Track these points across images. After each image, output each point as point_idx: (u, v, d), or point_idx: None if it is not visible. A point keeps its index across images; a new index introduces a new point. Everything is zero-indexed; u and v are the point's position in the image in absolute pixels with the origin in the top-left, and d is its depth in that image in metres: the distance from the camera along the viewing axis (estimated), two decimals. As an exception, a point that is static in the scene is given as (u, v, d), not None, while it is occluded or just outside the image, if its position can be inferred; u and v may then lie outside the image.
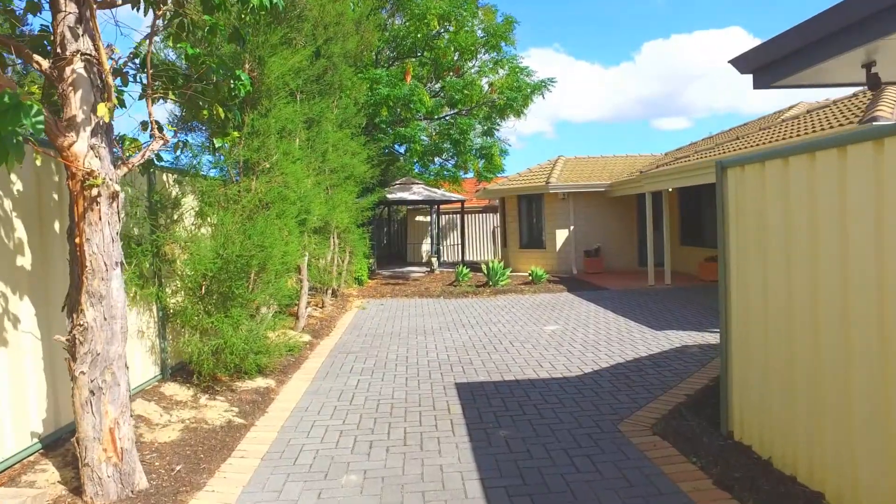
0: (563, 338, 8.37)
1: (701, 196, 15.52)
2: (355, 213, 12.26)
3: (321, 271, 10.04)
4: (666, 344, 7.76)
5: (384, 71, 14.68)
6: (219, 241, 5.31)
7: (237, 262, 5.21)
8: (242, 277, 5.41)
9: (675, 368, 6.46)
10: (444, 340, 8.46)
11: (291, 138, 7.73)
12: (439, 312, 11.16)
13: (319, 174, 9.55)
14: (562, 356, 7.25)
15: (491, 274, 14.27)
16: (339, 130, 10.97)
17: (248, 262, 5.36)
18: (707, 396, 5.27)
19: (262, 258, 5.66)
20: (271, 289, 5.97)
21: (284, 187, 6.77)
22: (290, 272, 7.13)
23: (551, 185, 17.22)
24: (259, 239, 5.42)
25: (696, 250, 15.85)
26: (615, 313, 10.37)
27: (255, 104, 6.40)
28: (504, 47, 16.66)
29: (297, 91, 8.60)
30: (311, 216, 7.81)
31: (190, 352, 5.32)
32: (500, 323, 9.78)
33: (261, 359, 6.04)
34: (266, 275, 5.96)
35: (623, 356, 7.15)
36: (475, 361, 7.11)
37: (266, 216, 5.94)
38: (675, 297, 11.85)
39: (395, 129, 14.55)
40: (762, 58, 3.90)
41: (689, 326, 8.90)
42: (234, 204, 6.01)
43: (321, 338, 8.83)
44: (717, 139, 15.12)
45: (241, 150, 6.09)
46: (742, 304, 4.04)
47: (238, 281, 5.32)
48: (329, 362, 7.29)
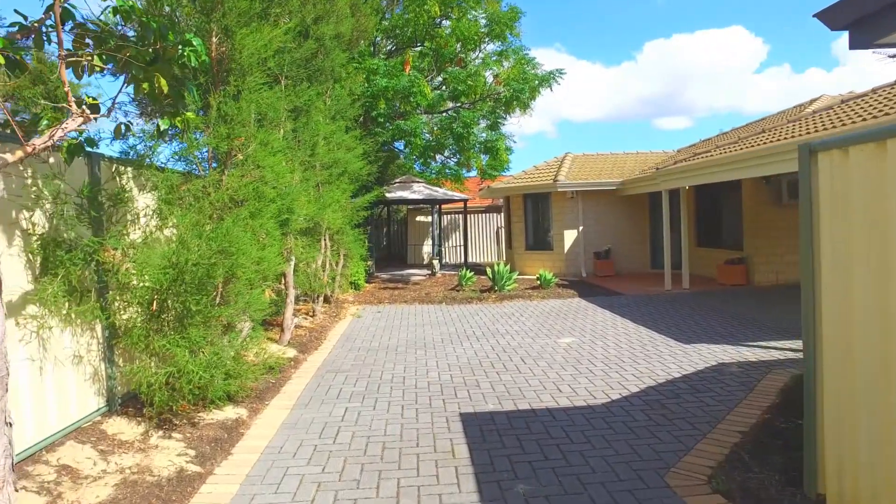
0: (580, 353, 7.42)
1: (719, 194, 14.57)
2: (350, 213, 11.33)
3: (310, 277, 9.10)
4: (699, 361, 6.81)
5: (382, 61, 13.73)
6: (172, 246, 4.36)
7: (194, 271, 4.27)
8: (203, 290, 4.47)
9: (718, 394, 5.50)
10: (447, 356, 7.51)
11: (273, 127, 6.79)
12: (441, 321, 10.21)
13: (308, 169, 8.62)
14: (582, 377, 6.30)
15: (496, 278, 13.32)
16: (332, 122, 10.03)
17: (210, 271, 4.42)
18: (769, 436, 4.32)
19: (229, 266, 4.72)
20: (242, 302, 5.03)
21: (261, 182, 5.83)
22: (268, 280, 6.19)
23: (559, 183, 16.27)
24: (222, 243, 4.48)
25: (713, 252, 14.90)
26: (634, 322, 9.41)
27: (225, 84, 5.46)
28: (509, 38, 15.71)
29: (280, 75, 7.66)
30: (294, 216, 6.87)
31: (138, 381, 4.38)
32: (508, 334, 8.83)
33: (231, 384, 5.10)
34: (236, 285, 5.01)
35: (653, 377, 6.19)
36: (483, 384, 6.16)
37: (235, 216, 5.00)
38: (697, 304, 10.89)
39: (394, 124, 13.60)
40: (866, 5, 2.94)
41: (720, 339, 7.95)
42: (198, 201, 5.07)
43: (309, 352, 7.89)
44: (739, 133, 14.17)
45: (207, 138, 5.15)
46: (841, 320, 3.08)
47: (197, 294, 4.38)
48: (314, 384, 6.34)
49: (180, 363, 4.22)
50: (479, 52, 16.50)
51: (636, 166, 17.79)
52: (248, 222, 5.51)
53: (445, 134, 14.34)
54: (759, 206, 13.41)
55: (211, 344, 4.68)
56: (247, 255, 5.06)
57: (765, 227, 13.43)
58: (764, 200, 13.37)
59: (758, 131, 11.77)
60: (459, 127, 13.86)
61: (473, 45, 15.22)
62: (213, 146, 5.23)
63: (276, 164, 6.06)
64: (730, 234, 14.48)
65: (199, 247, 4.37)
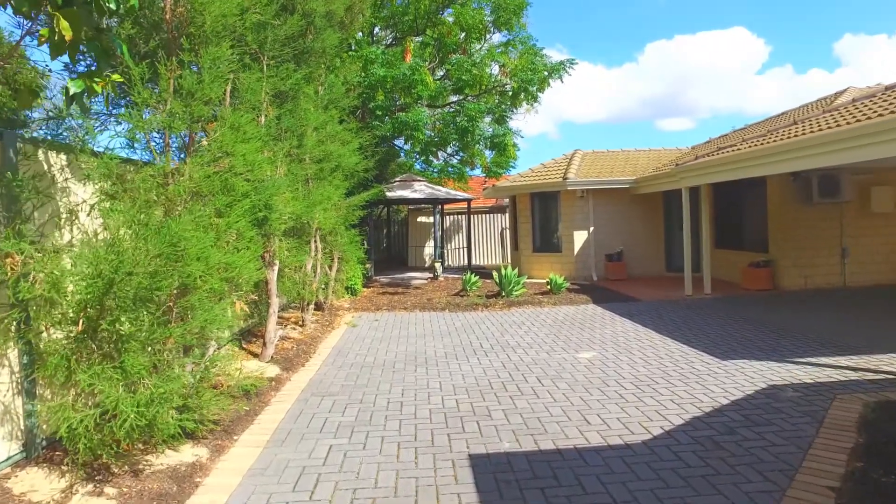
0: (605, 371, 6.46)
1: (740, 192, 13.60)
2: (345, 212, 10.37)
3: (297, 284, 8.15)
4: (744, 382, 5.84)
5: (380, 49, 12.78)
6: (97, 251, 3.41)
7: (128, 282, 3.32)
8: (143, 306, 3.52)
9: (781, 428, 4.53)
10: (452, 375, 6.55)
11: (251, 111, 5.85)
12: (444, 331, 9.24)
13: (294, 162, 7.67)
14: (612, 403, 5.34)
15: (504, 283, 12.35)
16: (324, 112, 9.09)
17: (152, 281, 3.47)
18: (872, 495, 3.35)
19: (184, 274, 3.76)
20: (200, 319, 4.07)
21: (231, 173, 4.88)
22: (242, 290, 5.24)
23: (569, 181, 15.31)
24: (168, 246, 3.53)
25: (734, 254, 13.93)
26: (659, 333, 8.44)
27: (181, 52, 4.51)
28: (515, 27, 14.74)
29: (262, 53, 6.71)
30: (275, 214, 5.92)
31: (56, 422, 3.42)
32: (520, 347, 7.86)
33: (188, 419, 4.15)
34: (192, 298, 4.06)
35: (696, 403, 5.23)
36: (495, 412, 5.20)
37: (190, 213, 4.05)
38: (724, 311, 9.92)
39: (394, 116, 12.63)
40: None
41: (761, 354, 6.98)
42: (147, 195, 4.12)
43: (294, 370, 6.93)
44: (768, 125, 13.19)
45: (160, 117, 4.20)
46: None
47: (133, 311, 3.43)
48: (296, 412, 5.38)
49: (109, 399, 3.27)
50: (485, 42, 15.54)
51: (649, 164, 16.84)
52: (211, 221, 4.57)
53: (449, 129, 13.36)
54: (787, 205, 12.44)
55: (157, 373, 3.73)
56: (207, 260, 4.11)
57: (793, 227, 12.45)
58: (792, 199, 12.40)
59: (788, 123, 10.80)
60: (464, 120, 12.88)
61: (478, 35, 14.26)
62: (166, 126, 4.28)
63: (249, 152, 5.11)
64: (753, 234, 13.50)
65: (137, 251, 3.42)
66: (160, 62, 4.11)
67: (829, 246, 12.61)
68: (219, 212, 4.79)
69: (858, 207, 12.51)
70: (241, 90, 5.94)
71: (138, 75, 3.92)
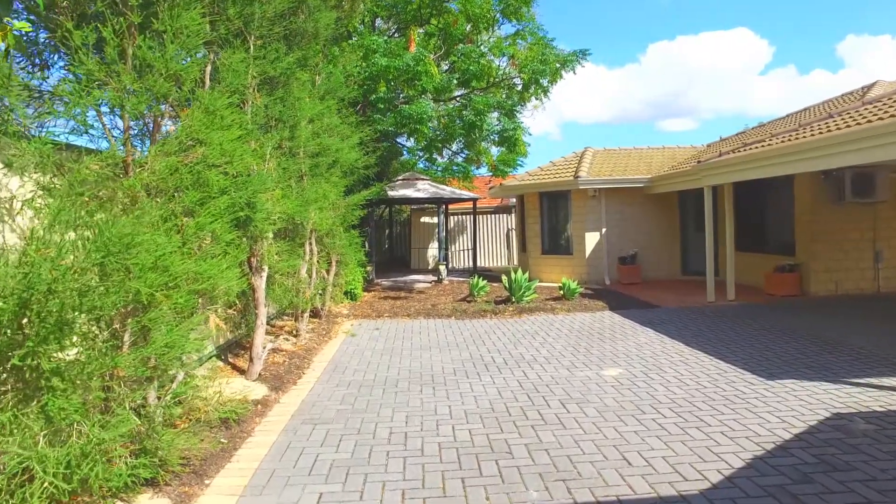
0: (636, 392, 5.67)
1: (763, 192, 12.80)
2: (343, 212, 9.61)
3: (290, 291, 7.37)
4: (801, 408, 5.05)
5: (381, 38, 11.99)
6: (5, 262, 2.62)
7: (47, 303, 2.54)
8: (70, 332, 2.74)
9: (868, 475, 3.73)
10: (463, 397, 5.77)
11: (232, 94, 5.07)
12: (452, 343, 8.45)
13: (286, 156, 6.89)
14: (652, 436, 4.55)
15: (514, 288, 11.55)
16: (321, 102, 8.31)
17: (81, 299, 2.69)
18: None
19: (129, 290, 2.98)
20: (160, 343, 3.29)
21: (204, 165, 4.10)
22: (217, 303, 4.47)
23: (581, 179, 14.52)
24: (103, 257, 2.74)
25: (756, 257, 13.12)
26: (689, 346, 7.65)
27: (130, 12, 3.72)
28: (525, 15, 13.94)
29: (247, 32, 5.93)
30: (259, 213, 5.14)
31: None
32: (537, 362, 7.07)
33: (144, 464, 3.36)
34: (147, 317, 3.28)
35: (752, 437, 4.43)
36: (516, 448, 4.41)
37: (141, 212, 3.27)
38: (754, 320, 9.12)
39: (396, 110, 11.84)
40: None
41: (810, 372, 6.19)
42: (91, 188, 3.35)
43: (284, 389, 6.15)
44: (800, 119, 12.37)
45: (109, 92, 3.42)
46: None
47: (58, 339, 2.65)
48: (282, 445, 4.59)
49: (14, 463, 2.49)
50: (492, 34, 14.74)
51: (664, 162, 16.05)
52: (178, 222, 3.79)
53: (455, 124, 12.56)
54: (816, 206, 11.63)
55: (104, 412, 2.94)
56: (168, 269, 3.34)
57: (822, 229, 11.65)
58: (822, 198, 11.59)
59: (823, 116, 9.99)
60: (471, 115, 12.09)
61: (486, 25, 13.46)
62: (116, 105, 3.49)
63: (227, 140, 4.33)
64: (778, 237, 12.70)
65: (65, 259, 2.64)
66: (104, 25, 3.32)
67: (861, 249, 11.80)
68: (189, 211, 4.02)
69: (894, 207, 11.70)
70: (222, 70, 5.16)
71: (79, 39, 3.14)
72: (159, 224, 3.45)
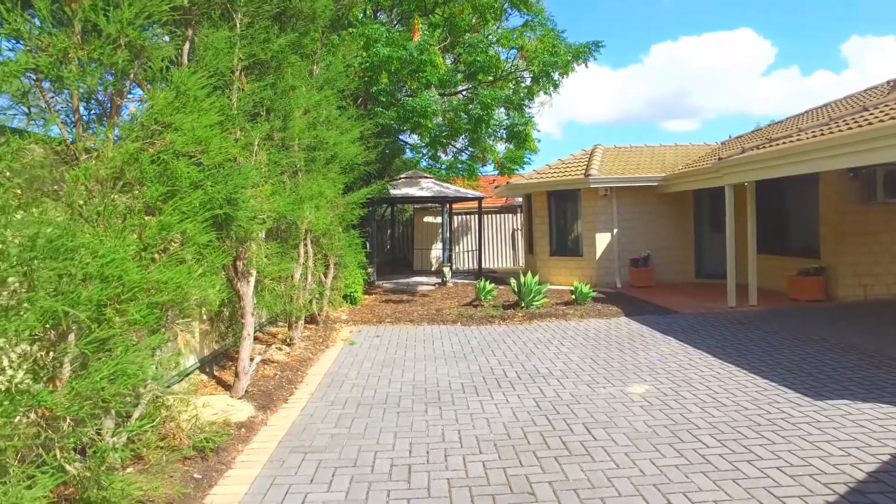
0: (669, 415, 5.02)
1: (785, 191, 12.12)
2: (342, 211, 8.97)
3: (282, 297, 6.72)
4: (863, 437, 4.39)
5: (384, 27, 11.34)
6: None
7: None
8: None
9: (968, 529, 3.09)
10: (474, 419, 5.12)
11: (205, 73, 4.42)
12: (459, 353, 7.81)
13: (277, 148, 6.25)
14: (697, 472, 3.89)
15: (523, 291, 10.89)
16: (318, 92, 7.67)
17: None
18: None
19: (41, 309, 2.34)
20: (105, 371, 2.64)
21: (172, 154, 3.46)
22: (187, 316, 3.83)
23: (592, 177, 13.85)
24: (38, 259, 2.11)
25: (777, 260, 12.43)
26: (717, 358, 6.99)
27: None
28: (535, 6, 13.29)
29: (232, 9, 5.28)
30: (242, 212, 4.49)
31: None
32: (553, 376, 6.42)
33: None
34: (84, 340, 2.64)
35: (816, 475, 3.78)
36: (539, 487, 3.75)
37: (86, 207, 2.63)
38: (782, 328, 8.45)
39: (399, 103, 11.19)
40: None
41: (862, 391, 5.53)
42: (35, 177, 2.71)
43: (272, 408, 5.50)
44: (830, 112, 11.67)
45: (39, 58, 2.77)
46: None
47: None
48: (265, 482, 3.95)
49: None
50: (500, 25, 14.09)
51: (677, 160, 15.38)
52: (136, 220, 3.15)
53: (460, 119, 11.92)
54: (843, 206, 10.96)
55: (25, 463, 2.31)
56: (120, 279, 2.70)
57: (851, 231, 10.97)
58: (849, 198, 10.93)
59: (857, 109, 9.32)
60: (477, 109, 11.43)
61: (494, 15, 12.80)
62: (48, 76, 2.84)
63: (201, 125, 3.68)
64: (801, 238, 12.02)
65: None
66: None
67: (892, 252, 11.12)
68: (152, 208, 3.37)
69: (928, 208, 11.03)
70: (201, 49, 4.52)
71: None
72: (108, 223, 2.81)
